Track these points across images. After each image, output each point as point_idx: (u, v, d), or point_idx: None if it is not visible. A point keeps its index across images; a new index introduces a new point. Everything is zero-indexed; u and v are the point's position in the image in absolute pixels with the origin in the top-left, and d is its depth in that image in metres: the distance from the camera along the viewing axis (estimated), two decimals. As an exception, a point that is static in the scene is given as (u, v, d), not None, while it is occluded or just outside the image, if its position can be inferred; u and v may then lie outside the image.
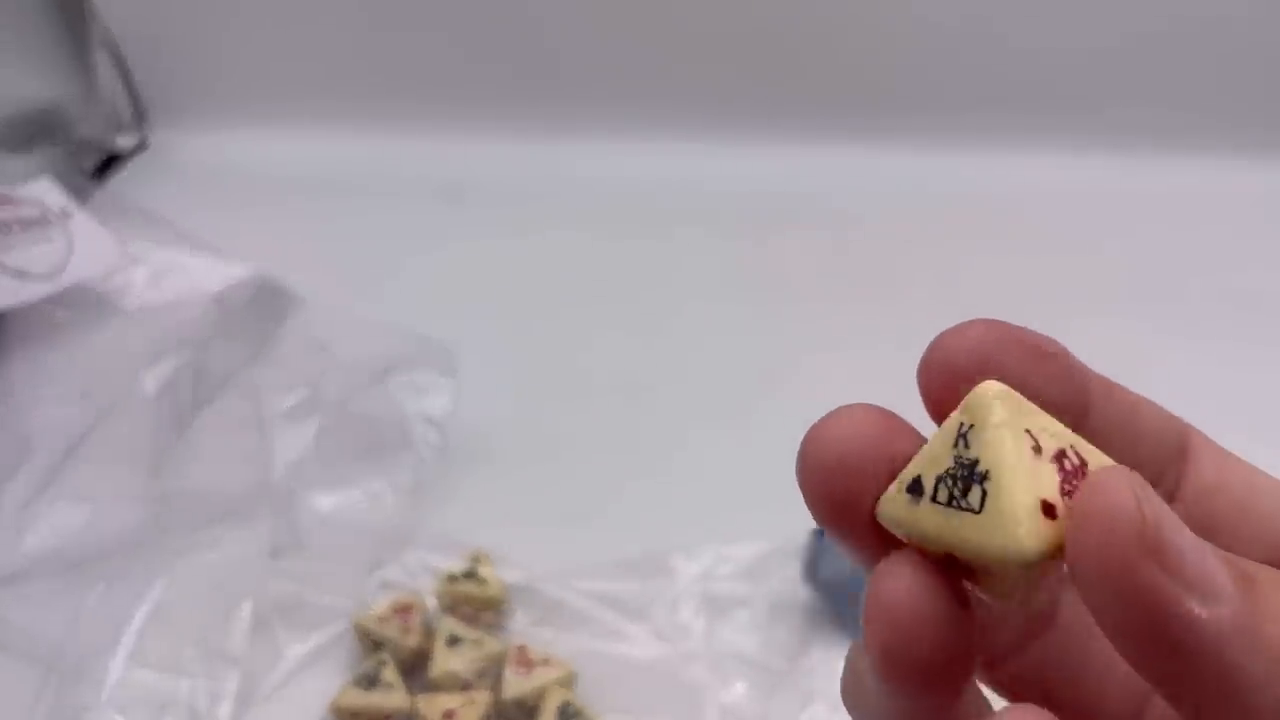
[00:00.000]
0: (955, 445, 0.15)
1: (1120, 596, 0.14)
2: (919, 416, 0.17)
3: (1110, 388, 0.18)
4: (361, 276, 0.67)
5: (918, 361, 0.17)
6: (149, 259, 0.60)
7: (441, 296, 0.66)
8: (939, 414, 0.16)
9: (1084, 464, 0.15)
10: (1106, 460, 0.15)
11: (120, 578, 0.47)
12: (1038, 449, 0.15)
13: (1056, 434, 0.15)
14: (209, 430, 0.55)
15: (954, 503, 0.15)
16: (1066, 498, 0.14)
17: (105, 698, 0.43)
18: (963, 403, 0.15)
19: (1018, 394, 0.15)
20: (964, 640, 0.15)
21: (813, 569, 0.48)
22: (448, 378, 0.56)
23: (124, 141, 0.81)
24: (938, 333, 0.17)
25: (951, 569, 0.15)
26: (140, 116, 0.82)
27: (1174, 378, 0.61)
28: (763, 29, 0.77)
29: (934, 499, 0.15)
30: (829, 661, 0.46)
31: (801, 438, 0.16)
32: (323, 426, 0.53)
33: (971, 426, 0.15)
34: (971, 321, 0.17)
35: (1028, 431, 0.15)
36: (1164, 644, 0.14)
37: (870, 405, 0.17)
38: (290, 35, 0.79)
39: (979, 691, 0.18)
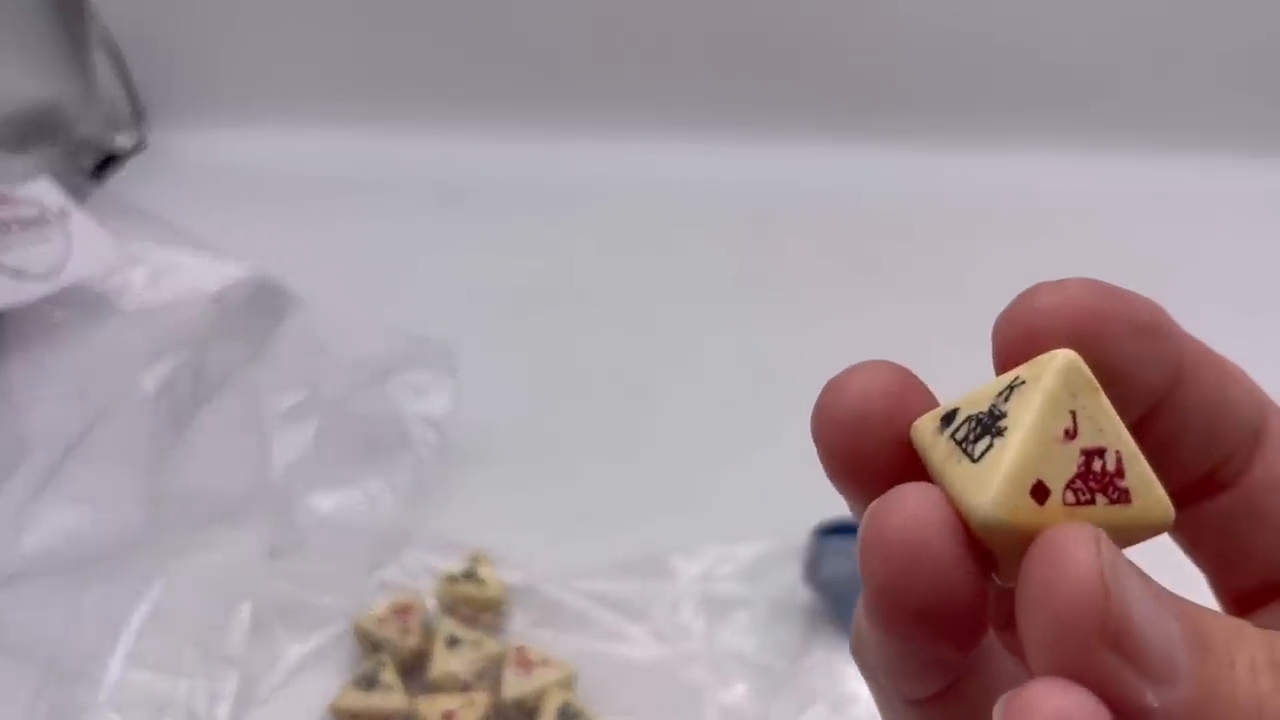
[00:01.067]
0: (1000, 394, 0.15)
1: (1072, 678, 0.13)
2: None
3: (1203, 357, 0.17)
4: (361, 276, 0.67)
5: (917, 361, 0.16)
6: (147, 259, 0.60)
7: (441, 297, 0.66)
8: (1005, 369, 0.15)
9: (1119, 473, 0.14)
10: (1151, 477, 0.14)
11: (119, 578, 0.47)
12: (1071, 433, 0.14)
13: (1105, 430, 0.14)
14: (207, 430, 0.55)
15: (964, 444, 0.14)
16: (1072, 493, 0.14)
17: (104, 698, 0.43)
18: (1034, 359, 0.15)
19: (1090, 375, 0.14)
20: (972, 587, 0.14)
21: (813, 569, 0.48)
22: (447, 378, 0.56)
23: (122, 141, 0.81)
24: (941, 325, 0.16)
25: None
26: (139, 116, 0.82)
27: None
28: (763, 29, 0.77)
29: (953, 434, 0.15)
30: (829, 662, 0.46)
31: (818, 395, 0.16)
32: (321, 427, 0.53)
33: (1023, 384, 0.14)
34: (1068, 280, 0.15)
35: (1072, 413, 0.14)
36: None
37: (889, 362, 0.16)
38: (289, 35, 0.79)
39: (1008, 658, 0.16)
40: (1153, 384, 0.16)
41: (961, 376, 0.16)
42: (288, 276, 0.62)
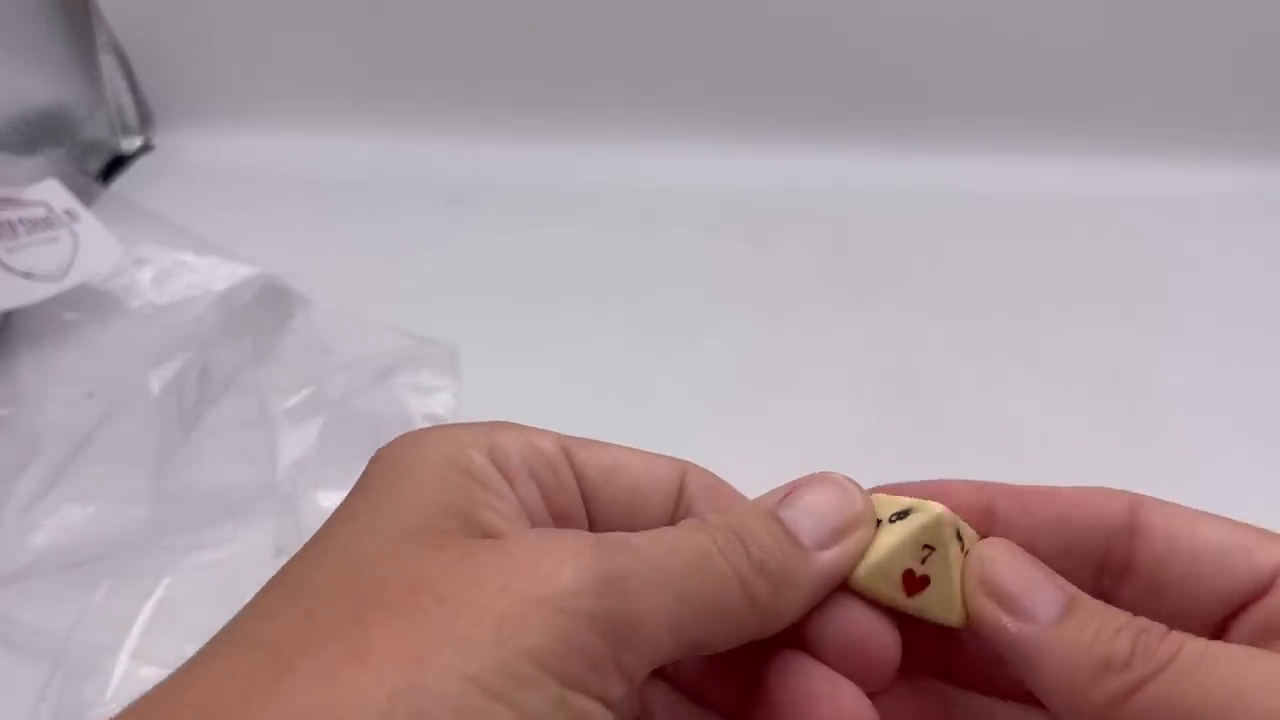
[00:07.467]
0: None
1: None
2: (913, 414, 0.17)
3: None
4: (365, 277, 0.68)
5: (913, 363, 0.17)
6: (154, 260, 0.60)
7: (444, 297, 0.67)
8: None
9: None
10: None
11: (126, 576, 0.47)
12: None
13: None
14: (214, 429, 0.55)
15: None
16: None
17: (110, 695, 0.44)
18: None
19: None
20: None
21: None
22: (450, 378, 0.56)
23: (129, 143, 0.81)
24: (938, 327, 0.18)
25: None
26: (145, 118, 0.82)
27: (1170, 379, 0.62)
28: (762, 31, 0.77)
29: None
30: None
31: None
32: (327, 425, 0.54)
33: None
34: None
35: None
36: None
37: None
38: (294, 38, 0.80)
39: None
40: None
41: (956, 377, 0.17)
42: (293, 277, 0.62)
